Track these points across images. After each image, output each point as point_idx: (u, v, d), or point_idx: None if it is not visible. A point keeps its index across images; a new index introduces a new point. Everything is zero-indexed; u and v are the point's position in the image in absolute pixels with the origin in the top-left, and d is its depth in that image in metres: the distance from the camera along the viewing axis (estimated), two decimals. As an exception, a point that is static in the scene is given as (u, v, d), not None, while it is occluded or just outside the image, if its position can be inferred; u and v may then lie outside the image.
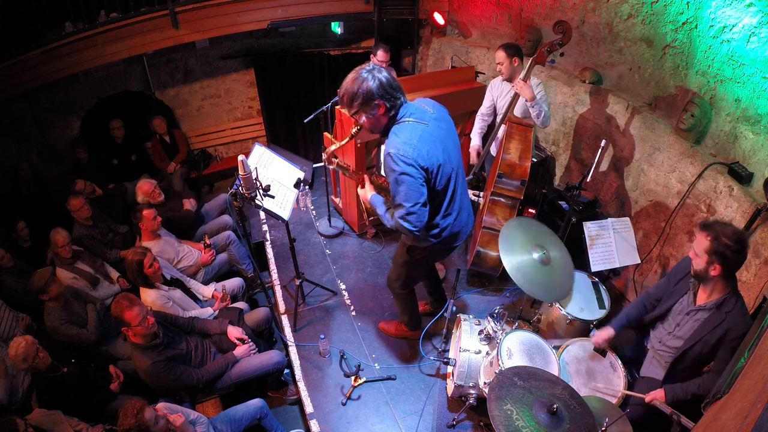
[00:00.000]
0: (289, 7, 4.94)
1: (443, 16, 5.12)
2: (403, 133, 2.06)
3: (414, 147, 2.02)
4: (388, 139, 2.12)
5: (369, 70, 2.02)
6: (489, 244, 3.34)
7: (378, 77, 2.00)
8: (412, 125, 2.08)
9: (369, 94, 2.00)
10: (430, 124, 2.13)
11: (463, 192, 2.39)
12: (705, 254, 1.99)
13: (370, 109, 2.05)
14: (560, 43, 3.08)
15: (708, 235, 1.98)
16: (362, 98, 2.01)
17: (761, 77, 2.54)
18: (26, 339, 2.61)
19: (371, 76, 2.00)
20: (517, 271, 2.50)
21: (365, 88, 1.99)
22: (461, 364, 2.57)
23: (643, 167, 3.41)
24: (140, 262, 2.85)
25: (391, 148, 2.04)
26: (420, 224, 2.13)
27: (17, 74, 4.18)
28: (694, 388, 2.10)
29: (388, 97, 2.03)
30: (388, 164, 2.07)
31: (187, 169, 5.49)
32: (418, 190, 2.07)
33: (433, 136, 2.12)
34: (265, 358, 2.89)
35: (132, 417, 2.01)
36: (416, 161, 2.02)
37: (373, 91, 1.99)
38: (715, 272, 1.99)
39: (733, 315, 2.01)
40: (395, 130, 2.10)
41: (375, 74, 2.01)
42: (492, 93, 3.66)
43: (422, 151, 2.04)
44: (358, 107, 2.05)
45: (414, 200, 2.07)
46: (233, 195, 2.50)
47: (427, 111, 2.19)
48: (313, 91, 5.71)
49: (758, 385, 1.27)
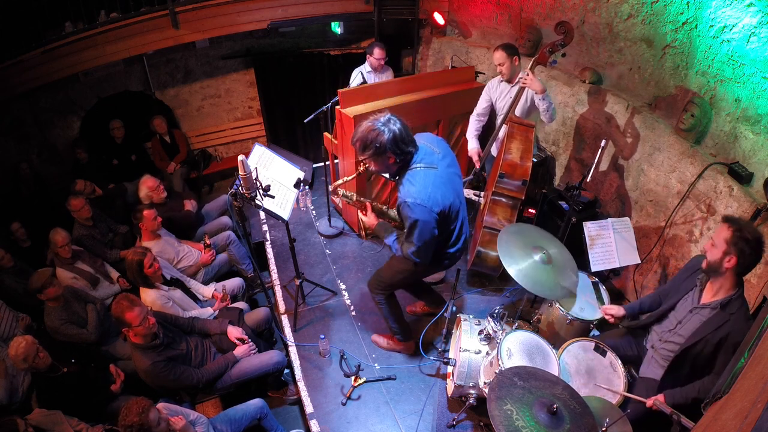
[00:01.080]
0: (289, 7, 4.93)
1: (443, 16, 5.12)
2: (416, 181, 2.19)
3: (429, 196, 2.17)
4: (403, 186, 2.24)
5: (384, 122, 2.11)
6: (489, 244, 3.34)
7: (393, 130, 2.11)
8: (424, 172, 2.21)
9: (381, 147, 2.11)
10: (439, 168, 2.26)
11: (465, 216, 2.55)
12: (724, 244, 2.00)
13: (381, 160, 2.18)
14: (562, 44, 3.08)
15: (731, 226, 2.00)
16: (374, 150, 2.12)
17: (761, 77, 2.54)
18: (26, 339, 2.61)
19: (387, 129, 2.10)
20: (523, 275, 2.53)
21: (379, 141, 2.10)
22: (461, 364, 2.57)
23: (643, 167, 3.41)
24: (140, 262, 2.85)
25: (407, 197, 2.18)
26: (426, 259, 2.37)
27: (17, 74, 4.17)
28: (694, 392, 2.10)
29: (399, 152, 2.15)
30: (405, 212, 2.21)
31: (187, 169, 5.48)
32: (431, 232, 2.24)
33: (443, 179, 2.27)
34: (265, 358, 2.89)
35: (136, 415, 2.01)
36: (432, 208, 2.18)
37: (386, 145, 2.10)
38: (729, 264, 2.00)
39: (736, 318, 2.01)
40: (409, 178, 2.22)
41: (390, 126, 2.11)
42: (490, 94, 3.65)
43: (437, 197, 2.19)
44: (369, 156, 2.17)
45: (424, 240, 2.25)
46: (233, 195, 2.50)
47: (434, 152, 2.30)
48: (313, 91, 5.70)
49: (758, 385, 1.26)
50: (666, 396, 2.17)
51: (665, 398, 2.15)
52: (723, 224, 2.04)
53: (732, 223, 2.00)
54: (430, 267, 2.68)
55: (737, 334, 1.98)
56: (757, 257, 1.97)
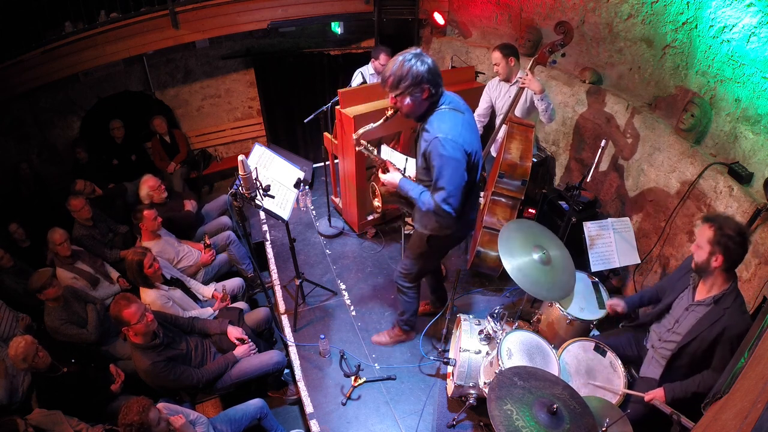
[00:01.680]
0: (289, 7, 4.93)
1: (443, 16, 5.12)
2: (447, 119, 2.13)
3: (460, 133, 2.11)
4: (431, 124, 2.15)
5: (417, 55, 2.05)
6: (489, 243, 3.34)
7: (426, 62, 2.05)
8: (452, 113, 2.15)
9: (418, 77, 2.04)
10: (467, 113, 2.22)
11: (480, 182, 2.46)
12: (708, 245, 2.01)
13: (417, 92, 2.08)
14: (562, 44, 3.08)
15: (711, 225, 2.00)
16: (411, 80, 2.04)
17: (761, 77, 2.54)
18: (26, 339, 2.61)
19: (420, 60, 2.04)
20: (518, 272, 2.51)
21: (415, 72, 2.03)
22: (461, 364, 2.57)
23: (643, 167, 3.41)
24: (140, 262, 2.85)
25: (438, 132, 2.09)
26: (458, 207, 2.21)
27: (17, 74, 4.18)
28: (694, 386, 2.11)
29: (434, 83, 2.08)
30: (436, 148, 2.10)
31: (187, 169, 5.49)
32: (462, 174, 2.15)
33: (471, 125, 2.23)
34: (265, 358, 2.89)
35: (136, 414, 2.01)
36: (463, 146, 2.11)
37: (423, 74, 2.04)
38: (717, 263, 2.01)
39: (731, 312, 2.02)
40: (438, 117, 2.15)
41: (423, 59, 2.05)
42: (489, 94, 3.66)
43: (467, 137, 2.14)
44: (405, 89, 2.07)
45: (457, 183, 2.15)
46: (233, 195, 2.50)
47: (460, 100, 2.26)
48: (313, 91, 5.71)
49: (758, 385, 1.26)
50: (666, 389, 2.17)
51: (665, 392, 2.16)
52: (704, 224, 2.05)
53: (712, 222, 2.01)
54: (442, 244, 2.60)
55: (733, 328, 1.99)
56: (743, 250, 1.98)
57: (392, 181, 2.40)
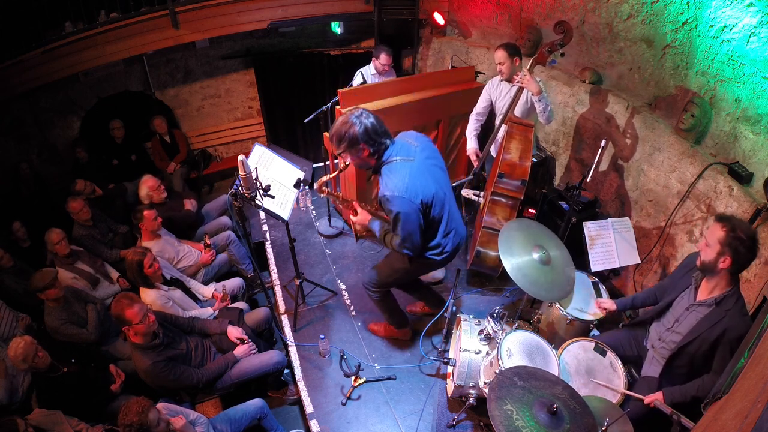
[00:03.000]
0: (289, 7, 4.93)
1: (443, 16, 5.12)
2: (394, 174, 2.24)
3: (406, 186, 2.20)
4: (382, 181, 2.29)
5: (357, 116, 2.19)
6: (489, 243, 3.34)
7: (364, 123, 2.19)
8: (400, 164, 2.26)
9: (353, 139, 2.19)
10: (416, 159, 2.30)
11: (454, 209, 2.55)
12: (718, 245, 1.98)
13: (356, 152, 2.24)
14: (561, 43, 3.08)
15: (724, 226, 1.97)
16: (348, 141, 2.20)
17: (761, 77, 2.54)
18: (25, 339, 2.61)
19: (359, 122, 2.18)
20: (517, 271, 2.51)
21: (351, 133, 2.18)
22: (461, 364, 2.57)
23: (643, 167, 3.41)
24: (140, 262, 2.85)
25: (386, 191, 2.23)
26: (417, 249, 2.39)
27: (17, 74, 4.17)
28: (693, 390, 2.10)
29: (372, 143, 2.22)
30: (386, 206, 2.26)
31: (187, 169, 5.49)
32: (415, 222, 2.28)
33: (421, 170, 2.30)
34: (265, 358, 2.89)
35: (135, 414, 2.01)
36: (411, 198, 2.21)
37: (358, 136, 2.18)
38: (724, 265, 1.98)
39: (732, 314, 2.00)
40: (386, 172, 2.28)
41: (362, 120, 2.19)
42: (490, 93, 3.65)
43: (415, 187, 2.22)
44: (344, 149, 2.24)
45: (409, 230, 2.29)
46: (233, 195, 2.51)
47: (411, 145, 2.35)
48: (313, 91, 5.70)
49: (758, 385, 1.26)
50: (665, 394, 2.16)
51: (664, 396, 2.15)
52: (716, 224, 2.01)
53: (725, 223, 1.97)
54: (425, 265, 2.69)
55: (734, 331, 1.98)
56: (752, 256, 1.96)
57: (362, 223, 2.60)
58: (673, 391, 2.15)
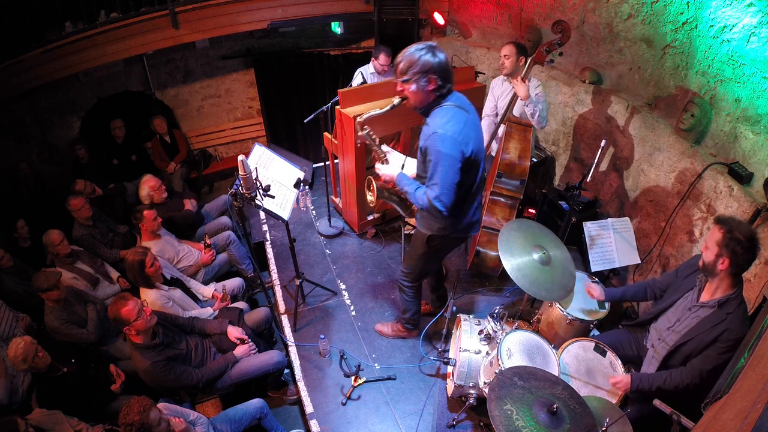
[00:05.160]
0: (289, 7, 4.93)
1: (443, 16, 5.12)
2: (449, 116, 2.13)
3: (461, 131, 2.10)
4: (433, 119, 2.16)
5: (430, 47, 2.08)
6: (489, 243, 3.34)
7: (438, 56, 2.08)
8: (456, 110, 2.15)
9: (426, 66, 2.06)
10: (471, 113, 2.22)
11: (481, 183, 2.44)
12: (716, 246, 2.00)
13: (423, 81, 2.10)
14: (559, 43, 3.08)
15: (722, 228, 1.99)
16: (419, 68, 2.06)
17: (761, 77, 2.54)
18: (25, 340, 2.61)
19: (432, 53, 2.07)
20: (518, 272, 2.50)
21: (424, 61, 2.05)
22: (461, 364, 2.57)
23: (643, 167, 3.41)
24: (142, 261, 2.85)
25: (438, 128, 2.10)
26: (450, 206, 2.19)
27: (17, 74, 4.17)
28: (660, 380, 2.14)
29: (442, 77, 2.10)
30: (434, 143, 2.10)
31: (187, 169, 5.49)
32: (457, 172, 2.13)
33: (476, 124, 2.23)
34: (265, 358, 2.89)
35: (136, 414, 2.01)
36: (461, 145, 2.10)
37: (433, 65, 2.06)
38: (723, 266, 1.99)
39: (733, 317, 2.01)
40: (441, 112, 2.15)
41: (436, 52, 2.08)
42: (493, 93, 3.65)
43: (467, 136, 2.13)
44: (412, 75, 2.09)
45: (450, 181, 2.13)
46: (233, 195, 2.51)
47: (466, 100, 2.26)
48: (313, 91, 5.70)
49: (758, 385, 1.27)
50: (633, 377, 2.22)
51: (632, 379, 2.21)
52: (715, 226, 2.03)
53: (723, 224, 1.99)
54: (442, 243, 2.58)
55: (731, 333, 1.99)
56: (752, 257, 1.96)
57: (390, 174, 2.36)
58: (642, 377, 2.20)
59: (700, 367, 2.06)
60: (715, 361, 2.02)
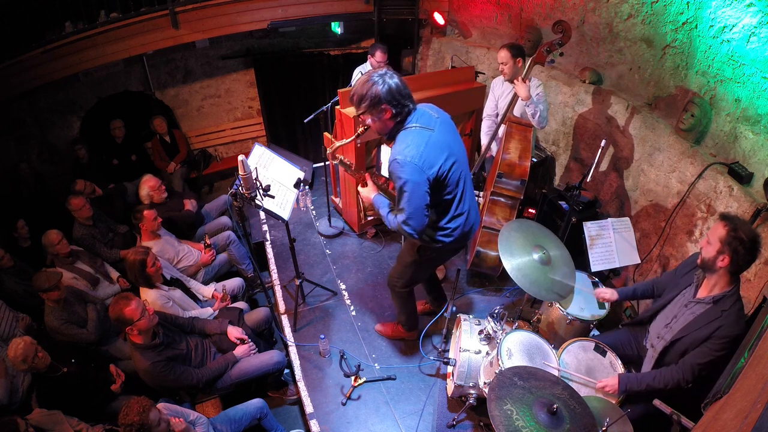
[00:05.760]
0: (289, 7, 4.93)
1: (443, 16, 5.12)
2: (410, 139, 2.10)
3: (420, 154, 2.06)
4: (395, 144, 2.15)
5: (381, 75, 2.06)
6: (489, 243, 3.34)
7: (388, 83, 2.04)
8: (418, 131, 2.12)
9: (376, 98, 2.04)
10: (436, 130, 2.16)
11: (470, 192, 2.43)
12: (718, 242, 1.99)
13: (377, 113, 2.09)
14: (559, 43, 3.08)
15: (726, 225, 1.98)
16: (370, 101, 2.05)
17: (761, 77, 2.54)
18: (24, 340, 2.61)
19: (382, 80, 2.04)
20: (518, 272, 2.51)
21: (374, 92, 2.03)
22: (461, 364, 2.57)
23: (643, 167, 3.41)
24: (143, 261, 2.85)
25: (398, 154, 2.07)
26: (420, 228, 2.19)
27: (17, 74, 4.18)
28: (649, 378, 2.14)
29: (395, 104, 2.07)
30: (395, 170, 2.09)
31: (187, 169, 5.49)
32: (422, 196, 2.11)
33: (440, 142, 2.15)
34: (265, 358, 2.89)
35: (136, 414, 2.01)
36: (422, 168, 2.06)
37: (381, 96, 2.03)
38: (723, 263, 1.99)
39: (728, 315, 2.02)
40: (402, 137, 2.13)
41: (386, 79, 2.05)
42: (494, 93, 3.66)
43: (429, 158, 2.08)
44: (365, 109, 2.09)
45: (415, 206, 2.11)
46: (233, 195, 2.51)
47: (432, 116, 2.21)
48: (313, 91, 5.71)
49: (758, 385, 1.27)
50: (620, 379, 2.22)
51: (619, 381, 2.22)
52: (719, 222, 2.02)
53: (728, 222, 1.99)
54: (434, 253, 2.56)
55: (726, 329, 1.99)
56: (752, 257, 1.97)
57: (367, 196, 2.45)
58: (629, 378, 2.20)
59: (691, 362, 2.06)
60: (707, 356, 2.02)
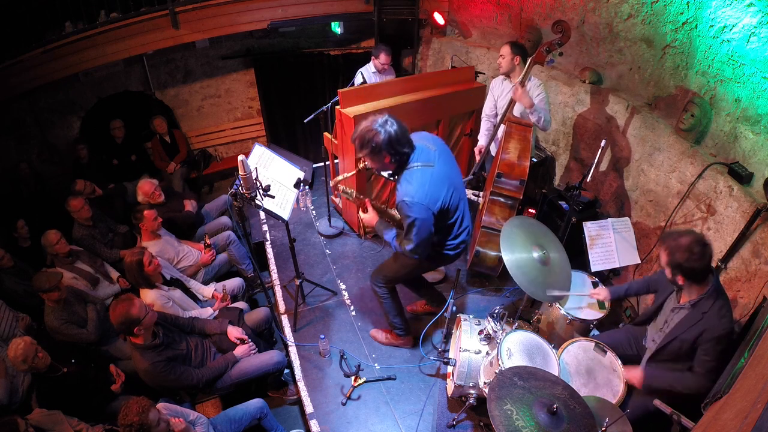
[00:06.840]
0: (289, 7, 4.93)
1: (443, 16, 5.12)
2: (414, 180, 2.25)
3: (426, 193, 2.23)
4: (401, 186, 2.30)
5: (382, 124, 2.19)
6: (488, 243, 3.34)
7: (389, 131, 2.18)
8: (421, 170, 2.27)
9: (377, 148, 2.19)
10: (436, 165, 2.31)
11: (467, 210, 2.59)
12: (667, 267, 2.09)
13: (377, 158, 2.26)
14: (559, 43, 3.08)
15: (665, 250, 2.07)
16: (370, 149, 2.21)
17: (761, 77, 2.54)
18: (24, 340, 2.61)
19: (383, 130, 2.18)
20: (517, 268, 2.52)
21: (375, 141, 2.18)
22: (461, 364, 2.57)
23: (643, 167, 3.41)
24: (140, 261, 2.85)
25: (405, 196, 2.23)
26: (424, 255, 2.44)
27: (17, 74, 4.17)
28: (671, 378, 2.18)
29: (393, 152, 2.22)
30: (403, 210, 2.26)
31: (187, 169, 5.49)
32: (429, 229, 2.31)
33: (441, 176, 2.32)
34: (265, 358, 2.89)
35: (136, 414, 2.01)
36: (429, 206, 2.24)
37: (381, 145, 2.18)
38: (681, 281, 2.08)
39: (709, 316, 2.06)
40: (406, 177, 2.28)
41: (387, 128, 2.18)
42: (493, 93, 3.65)
43: (434, 195, 2.27)
44: (366, 154, 2.26)
45: (422, 238, 2.31)
46: (233, 195, 2.51)
47: (430, 150, 2.35)
48: (313, 91, 5.70)
49: (758, 385, 1.27)
50: (646, 373, 2.26)
51: (644, 374, 2.26)
52: (659, 246, 2.13)
53: (664, 246, 2.08)
54: (433, 261, 2.71)
55: (711, 331, 2.03)
56: (702, 262, 1.99)
57: (369, 222, 2.61)
58: (655, 374, 2.24)
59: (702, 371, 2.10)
60: (711, 360, 2.06)
